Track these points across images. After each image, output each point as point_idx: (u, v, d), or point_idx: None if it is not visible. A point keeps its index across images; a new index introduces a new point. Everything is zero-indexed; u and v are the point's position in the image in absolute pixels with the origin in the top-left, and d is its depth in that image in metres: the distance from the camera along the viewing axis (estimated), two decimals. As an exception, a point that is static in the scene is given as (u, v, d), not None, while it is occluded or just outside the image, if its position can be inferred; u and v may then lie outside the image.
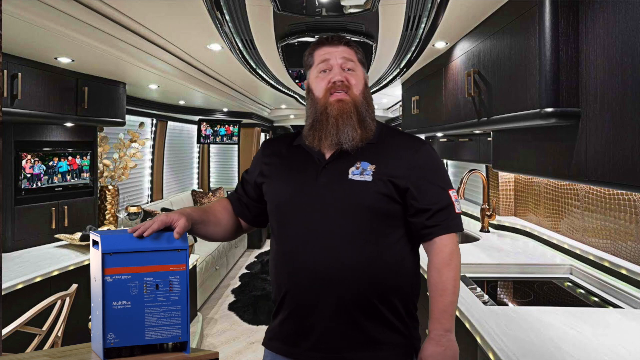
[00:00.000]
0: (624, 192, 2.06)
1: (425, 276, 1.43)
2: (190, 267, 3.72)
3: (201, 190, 7.68)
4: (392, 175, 1.34)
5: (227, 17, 2.16)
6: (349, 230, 1.31)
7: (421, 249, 1.42)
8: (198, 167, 7.84)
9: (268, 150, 1.52)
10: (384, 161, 1.36)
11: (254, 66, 3.13)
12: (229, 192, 1.65)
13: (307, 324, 1.33)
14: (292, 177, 1.40)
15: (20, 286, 2.52)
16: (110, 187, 4.38)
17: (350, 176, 1.34)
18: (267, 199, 1.46)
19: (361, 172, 1.34)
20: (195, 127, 7.22)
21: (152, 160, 5.97)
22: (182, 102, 5.69)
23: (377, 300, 1.32)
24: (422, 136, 4.29)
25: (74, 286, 2.28)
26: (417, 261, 1.41)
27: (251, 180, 1.51)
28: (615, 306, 1.96)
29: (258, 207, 1.51)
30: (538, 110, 1.68)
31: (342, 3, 2.03)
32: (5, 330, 1.91)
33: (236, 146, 7.86)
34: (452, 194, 1.38)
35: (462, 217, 4.25)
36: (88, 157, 3.88)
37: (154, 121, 5.92)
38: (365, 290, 1.31)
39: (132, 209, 4.40)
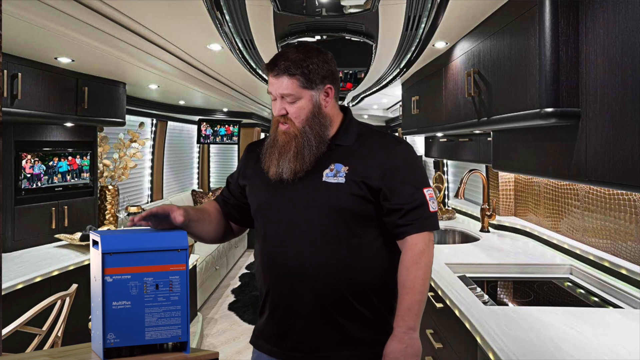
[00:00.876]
0: (624, 192, 2.06)
1: None
2: (190, 267, 3.72)
3: (201, 190, 7.68)
4: (365, 176, 1.36)
5: (227, 17, 2.15)
6: (324, 232, 1.34)
7: None
8: (198, 167, 7.84)
9: (250, 153, 1.55)
10: (357, 162, 1.38)
11: (254, 66, 3.13)
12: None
13: (287, 324, 1.37)
14: (271, 181, 1.42)
15: (20, 286, 2.52)
16: (110, 187, 4.38)
17: (324, 178, 1.37)
18: (249, 201, 1.50)
19: (335, 174, 1.37)
20: (195, 127, 7.22)
21: (152, 160, 5.97)
22: (182, 102, 5.69)
23: (354, 300, 1.34)
24: (422, 136, 4.30)
25: (74, 286, 2.28)
26: (395, 259, 1.41)
27: (235, 181, 1.55)
28: (615, 306, 1.96)
29: (244, 207, 1.53)
30: (538, 110, 1.68)
31: (342, 3, 2.03)
32: (5, 330, 1.91)
33: (236, 146, 7.85)
34: (427, 192, 1.38)
35: (462, 217, 4.23)
36: (88, 157, 3.88)
37: (154, 121, 5.92)
38: (341, 290, 1.33)
39: (132, 209, 4.40)
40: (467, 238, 3.37)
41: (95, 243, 1.13)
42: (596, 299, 2.08)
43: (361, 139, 1.43)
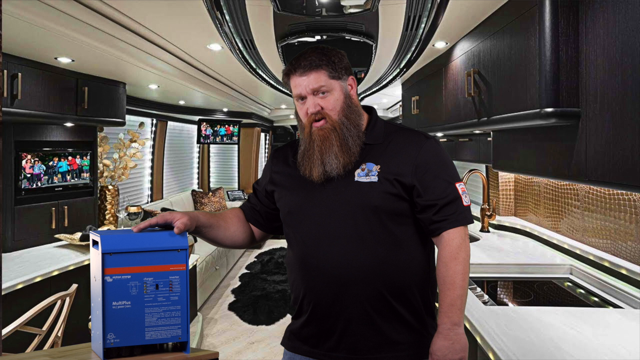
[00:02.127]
0: (624, 192, 2.06)
1: None
2: (190, 267, 3.72)
3: (201, 190, 7.68)
4: (398, 173, 1.35)
5: (227, 17, 2.16)
6: (360, 232, 1.33)
7: None
8: (198, 167, 7.84)
9: (276, 159, 1.55)
10: (388, 160, 1.37)
11: (254, 66, 3.13)
12: (228, 192, 1.64)
13: (327, 325, 1.36)
14: (301, 184, 1.42)
15: (20, 286, 2.52)
16: (110, 187, 4.38)
17: (356, 178, 1.36)
18: (279, 206, 1.49)
19: (367, 174, 1.36)
20: (195, 127, 7.22)
21: (152, 160, 5.97)
22: (182, 102, 5.69)
23: (392, 299, 1.33)
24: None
25: (74, 286, 2.28)
26: (431, 256, 1.42)
27: (262, 188, 1.55)
28: (615, 306, 1.96)
29: (271, 213, 1.53)
30: (538, 110, 1.68)
31: (342, 3, 2.03)
32: (5, 330, 1.91)
33: (236, 146, 7.86)
34: (459, 186, 1.38)
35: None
36: (88, 157, 3.88)
37: (154, 121, 5.92)
38: (380, 290, 1.32)
39: (132, 209, 4.40)
40: (467, 238, 3.37)
41: (95, 243, 1.13)
42: (596, 299, 2.08)
43: (389, 137, 1.42)
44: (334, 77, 1.39)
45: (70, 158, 3.70)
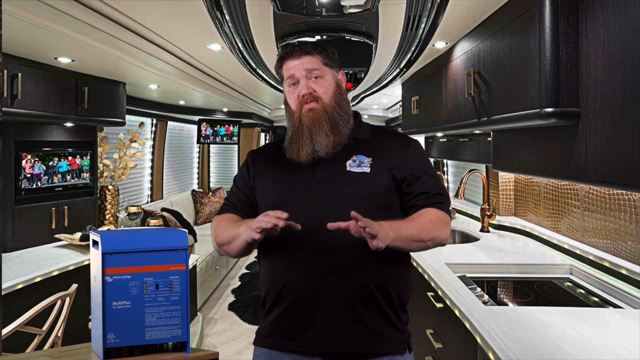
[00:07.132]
0: (624, 192, 2.07)
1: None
2: (190, 267, 3.72)
3: (201, 190, 7.68)
4: (390, 166, 1.38)
5: (227, 17, 2.16)
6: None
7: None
8: (198, 167, 7.84)
9: (255, 157, 1.53)
10: (379, 153, 1.40)
11: (254, 66, 3.13)
12: (228, 192, 1.59)
13: (306, 316, 1.34)
14: (288, 174, 1.41)
15: (20, 286, 2.52)
16: (110, 187, 4.38)
17: (348, 168, 1.38)
18: (261, 198, 1.45)
19: (359, 165, 1.38)
20: (195, 127, 7.22)
21: (152, 160, 5.97)
22: (182, 102, 5.69)
23: (375, 290, 1.34)
24: (422, 136, 4.31)
25: (74, 286, 2.28)
26: (410, 255, 1.46)
27: (243, 187, 1.50)
28: (615, 306, 1.96)
29: (254, 216, 1.47)
30: (538, 110, 1.68)
31: (342, 3, 2.03)
32: (5, 330, 1.91)
33: (236, 146, 7.86)
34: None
35: (462, 217, 4.22)
36: (88, 157, 3.88)
37: (154, 121, 5.92)
38: (365, 281, 1.33)
39: (132, 209, 4.40)
40: (467, 238, 3.37)
41: (95, 243, 1.13)
42: (596, 299, 2.08)
43: (376, 135, 1.48)
44: (327, 65, 1.44)
45: (70, 158, 3.70)
